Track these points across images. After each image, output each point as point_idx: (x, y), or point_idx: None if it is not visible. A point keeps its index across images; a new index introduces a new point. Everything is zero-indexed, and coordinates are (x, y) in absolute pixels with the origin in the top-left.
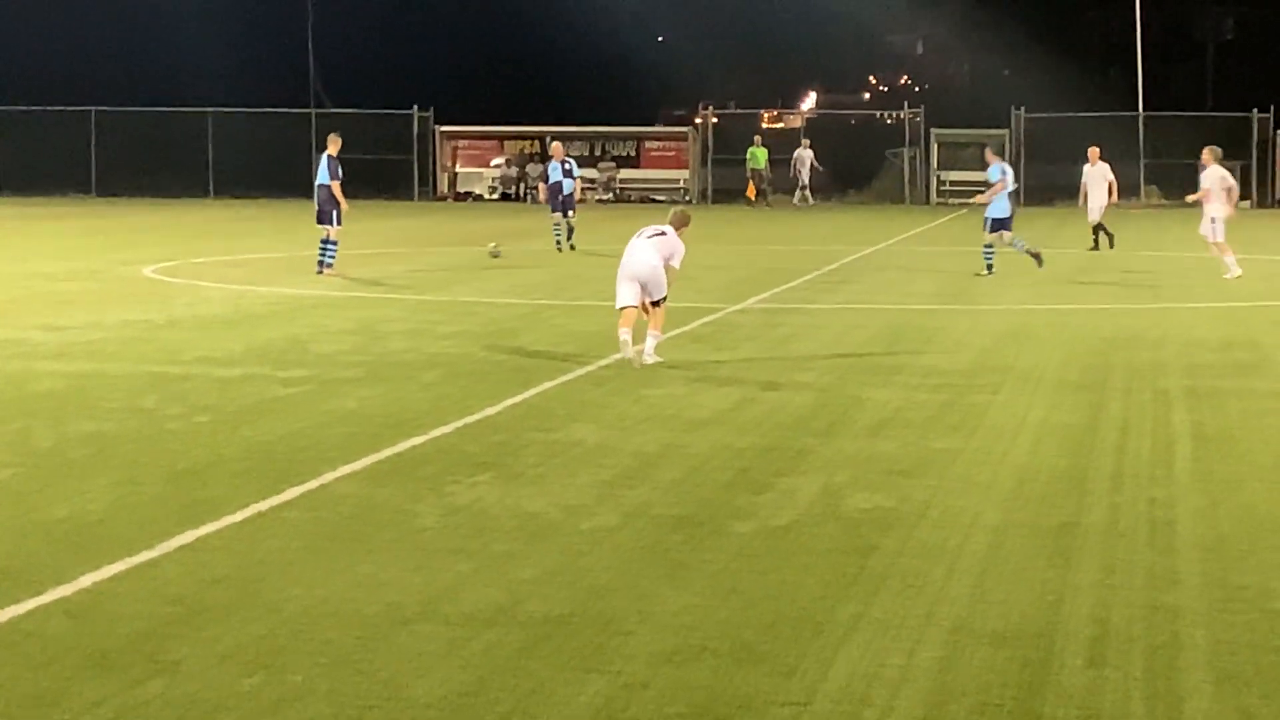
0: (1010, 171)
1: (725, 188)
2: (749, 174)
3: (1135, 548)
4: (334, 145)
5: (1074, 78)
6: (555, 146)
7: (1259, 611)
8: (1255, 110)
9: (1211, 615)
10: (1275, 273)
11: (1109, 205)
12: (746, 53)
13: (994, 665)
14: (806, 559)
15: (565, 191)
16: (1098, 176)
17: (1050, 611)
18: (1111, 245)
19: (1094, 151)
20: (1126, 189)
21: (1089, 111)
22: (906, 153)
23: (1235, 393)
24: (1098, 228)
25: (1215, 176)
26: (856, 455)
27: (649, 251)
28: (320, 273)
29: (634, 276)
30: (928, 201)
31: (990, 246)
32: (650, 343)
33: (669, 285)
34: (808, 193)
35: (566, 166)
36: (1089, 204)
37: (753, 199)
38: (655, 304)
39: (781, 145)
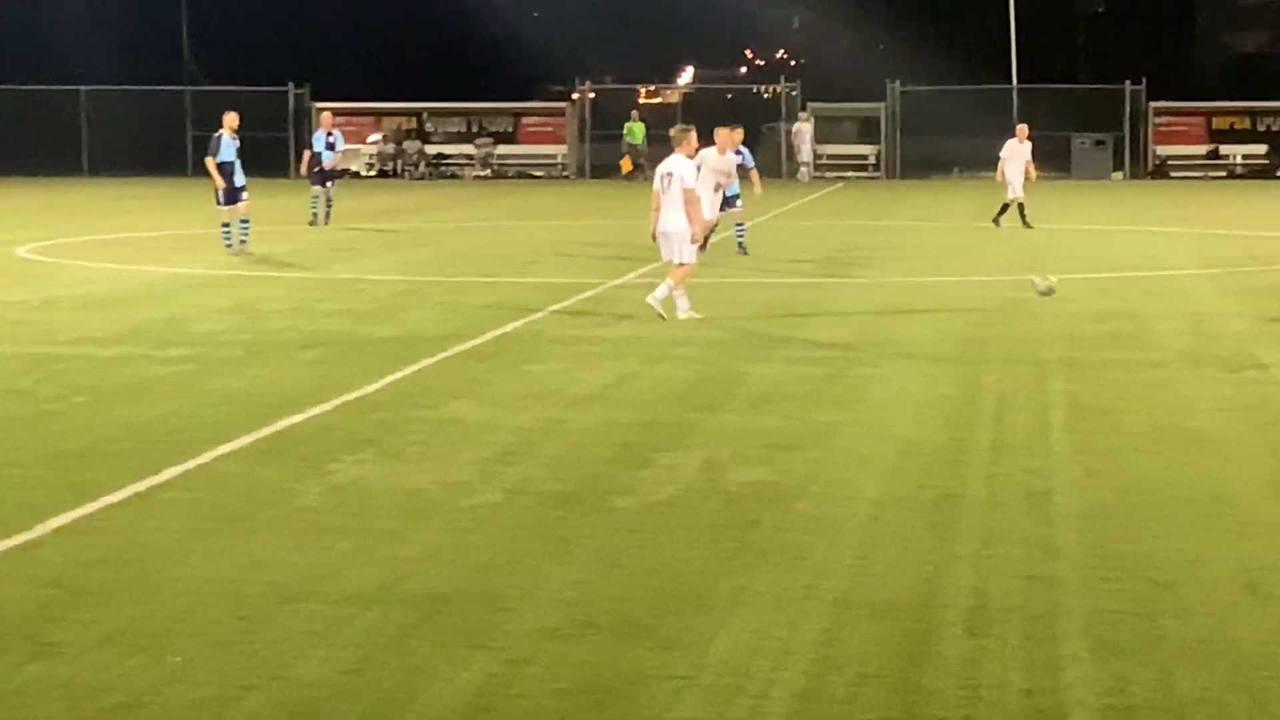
0: None
1: (604, 163)
2: (626, 149)
3: (1014, 519)
4: (230, 122)
5: (949, 51)
6: (324, 116)
7: (1135, 580)
8: (1128, 82)
9: (1089, 585)
10: (1151, 243)
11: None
12: (623, 28)
13: (875, 637)
14: (689, 534)
15: (325, 164)
16: (1022, 154)
17: (930, 583)
18: (999, 221)
19: (1022, 129)
20: (995, 163)
21: (964, 85)
22: (784, 127)
23: (1112, 364)
24: (1020, 204)
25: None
26: (739, 429)
27: (670, 210)
28: (237, 250)
29: (662, 234)
30: (798, 176)
31: None
32: (660, 289)
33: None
34: (808, 168)
35: (331, 139)
36: (1011, 180)
37: (628, 173)
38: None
39: (659, 120)
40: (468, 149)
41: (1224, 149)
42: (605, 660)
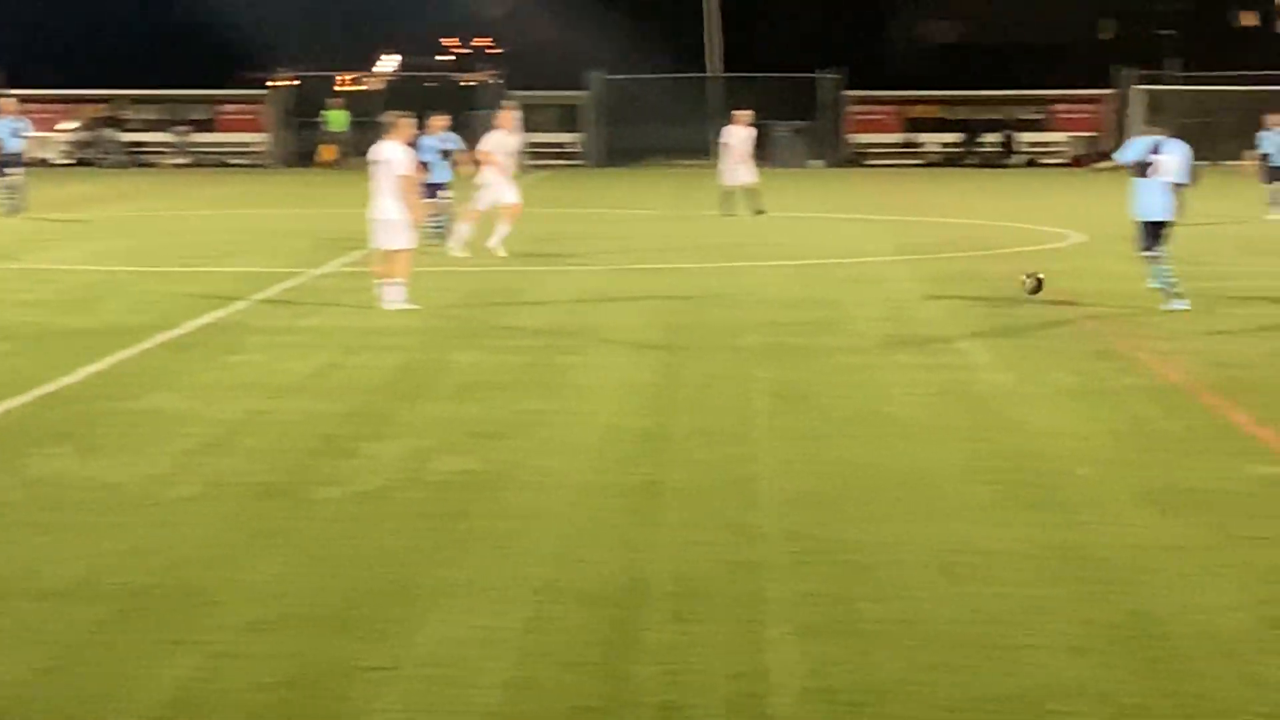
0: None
1: (307, 150)
2: (328, 137)
3: (717, 504)
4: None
5: (651, 40)
6: (5, 103)
7: (836, 563)
8: (824, 71)
9: (791, 568)
10: (848, 231)
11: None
12: (324, 15)
13: (581, 624)
14: (395, 524)
15: (9, 150)
16: (747, 139)
17: (636, 569)
18: (760, 210)
19: (743, 115)
20: (702, 150)
21: (665, 73)
22: (486, 114)
23: (812, 350)
24: (744, 190)
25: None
26: (443, 419)
27: (379, 196)
28: None
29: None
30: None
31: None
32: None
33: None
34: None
35: (16, 126)
36: (735, 167)
37: (330, 162)
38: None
39: (361, 108)
40: (165, 137)
41: (918, 137)
42: (310, 653)
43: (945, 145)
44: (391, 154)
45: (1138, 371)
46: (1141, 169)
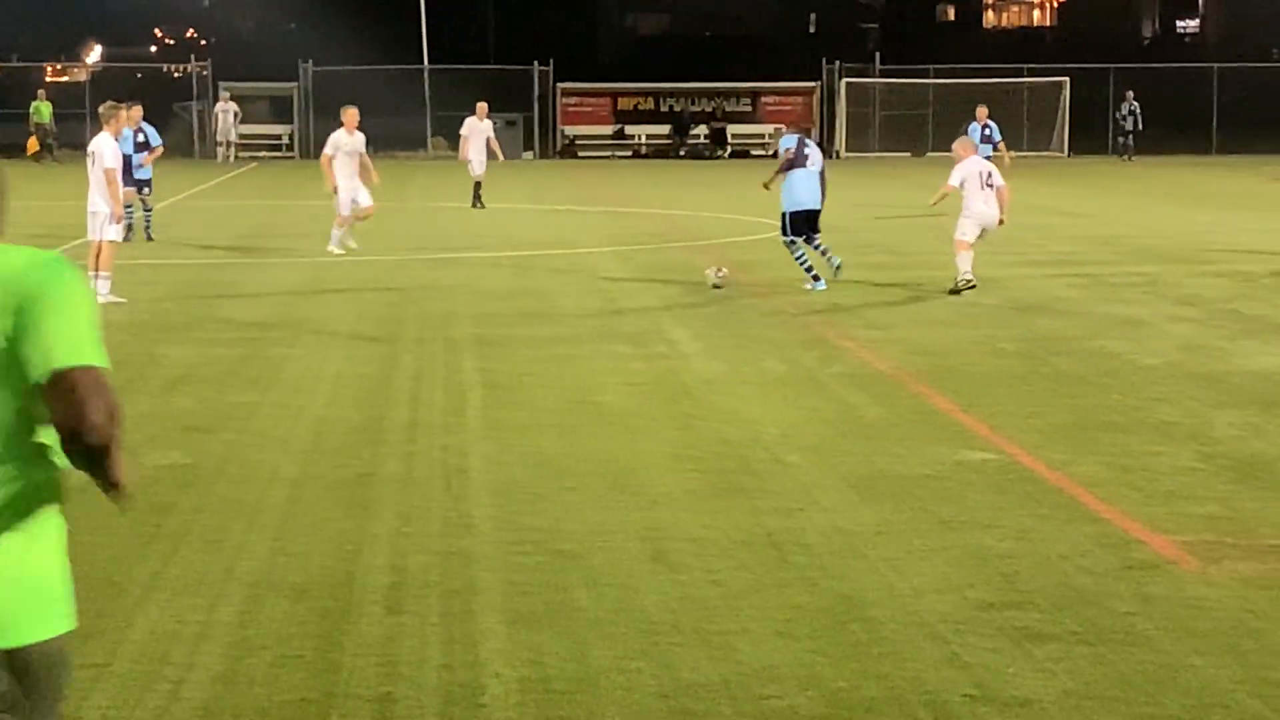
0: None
1: (11, 143)
2: (32, 128)
3: (430, 495)
4: None
5: (363, 32)
6: None
7: (547, 553)
8: (536, 63)
9: (503, 558)
10: (560, 222)
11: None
12: (26, 3)
13: (294, 617)
14: (103, 519)
15: None
16: (483, 130)
17: (349, 562)
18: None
19: (482, 107)
20: (417, 142)
21: (376, 65)
22: (195, 106)
23: (522, 340)
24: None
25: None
26: (152, 413)
27: (93, 188)
28: None
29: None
30: (217, 157)
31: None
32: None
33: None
34: (229, 148)
35: None
36: (473, 158)
37: (35, 153)
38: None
39: (66, 99)
40: None
41: (629, 129)
42: None
43: (654, 137)
44: (100, 145)
45: (845, 360)
46: (792, 164)
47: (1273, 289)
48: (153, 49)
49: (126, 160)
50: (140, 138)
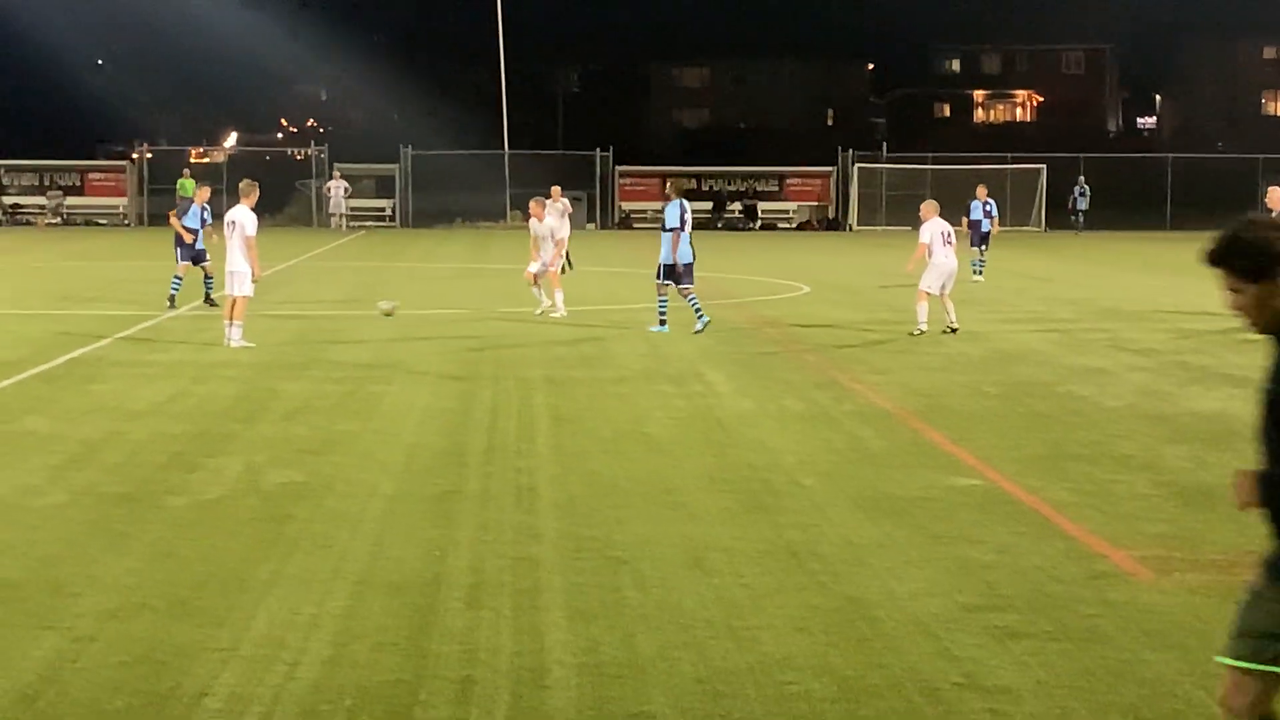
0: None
1: (158, 212)
2: (178, 200)
3: (504, 509)
4: None
5: (452, 121)
6: None
7: (602, 559)
8: (598, 149)
9: (565, 563)
10: (615, 282)
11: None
12: (174, 96)
13: (390, 611)
14: (232, 526)
15: None
16: (561, 209)
17: (436, 564)
18: (570, 267)
19: (556, 190)
20: (496, 214)
21: (465, 150)
22: (313, 183)
23: (583, 381)
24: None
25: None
26: (274, 438)
27: (231, 251)
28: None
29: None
30: (331, 225)
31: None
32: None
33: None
34: (341, 219)
35: None
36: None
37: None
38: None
39: (208, 177)
40: (40, 199)
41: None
42: (160, 636)
43: (698, 212)
44: (239, 216)
45: (853, 399)
46: (679, 227)
47: (1215, 343)
48: (279, 135)
49: (194, 233)
50: (205, 215)
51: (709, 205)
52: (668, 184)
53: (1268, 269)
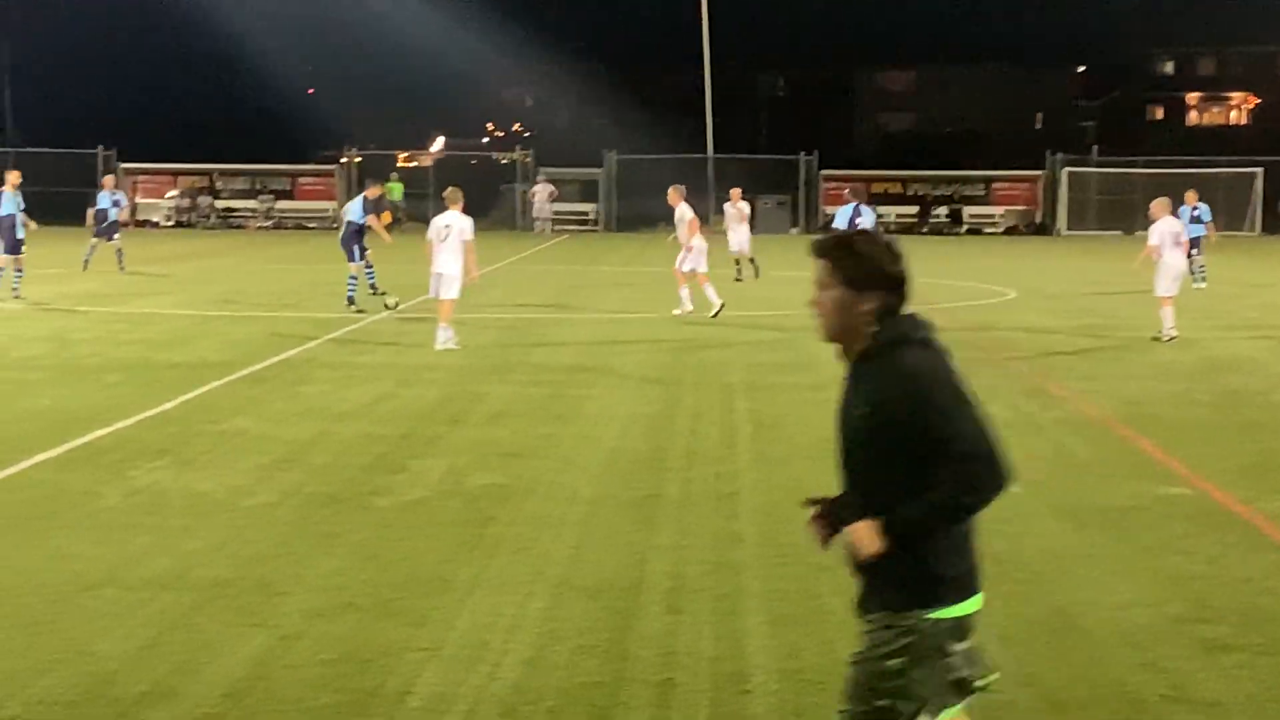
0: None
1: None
2: (386, 204)
3: (705, 514)
4: (12, 179)
5: (656, 125)
6: (107, 179)
7: (803, 565)
8: (802, 153)
9: (766, 568)
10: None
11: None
12: (384, 101)
13: (590, 613)
14: (435, 528)
15: (110, 219)
16: (737, 214)
17: (636, 568)
18: (757, 275)
19: (735, 192)
20: (700, 218)
21: (668, 154)
22: (518, 187)
23: (784, 386)
24: (739, 259)
25: (689, 211)
26: (477, 441)
27: (446, 255)
28: (19, 294)
29: (436, 274)
30: (535, 229)
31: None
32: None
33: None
34: (545, 223)
35: (114, 197)
36: (730, 237)
37: (388, 225)
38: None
39: (415, 180)
40: (252, 204)
41: (880, 209)
42: (364, 635)
43: (902, 216)
44: (454, 220)
45: (1061, 406)
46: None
47: None
48: (484, 140)
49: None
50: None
51: (914, 210)
52: (847, 189)
53: (864, 281)
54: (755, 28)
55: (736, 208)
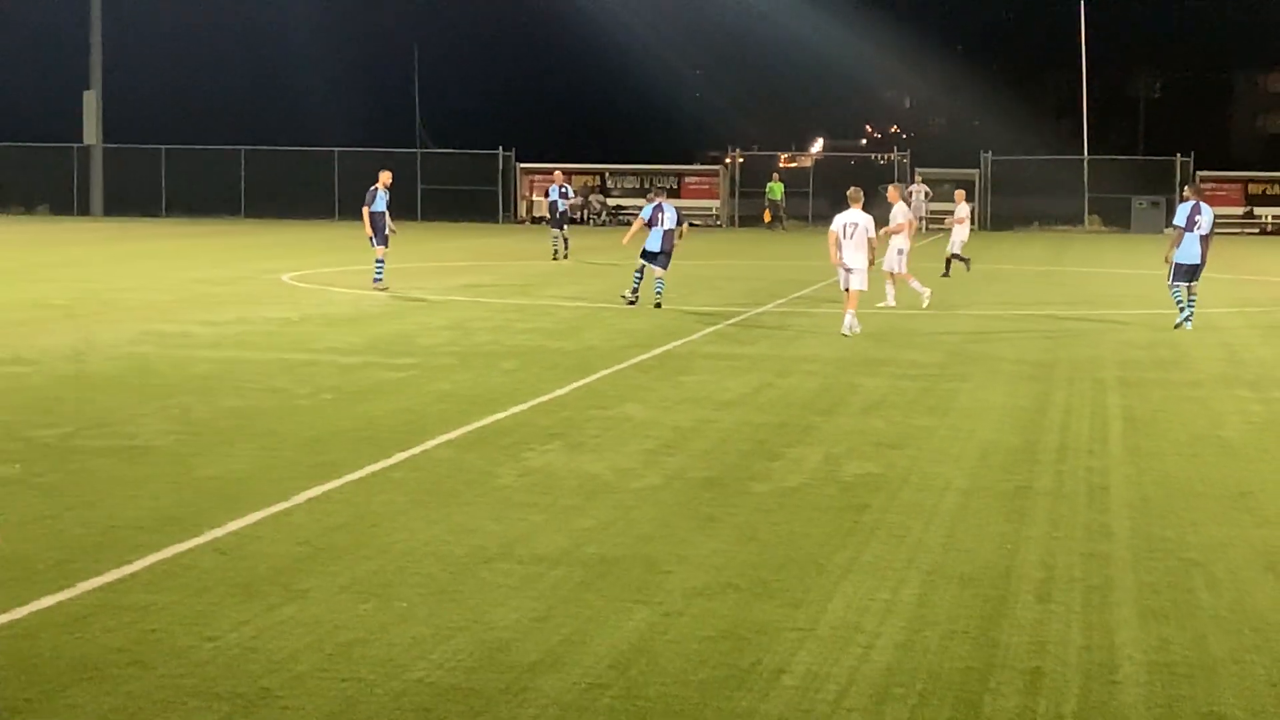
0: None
1: (748, 214)
2: (767, 203)
3: (1076, 507)
4: (384, 179)
5: (1031, 126)
6: (556, 174)
7: (1175, 559)
8: (1178, 154)
9: (1137, 562)
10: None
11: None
12: (767, 104)
13: (961, 601)
14: (811, 514)
15: (560, 210)
16: (960, 214)
17: (1007, 558)
18: (968, 268)
19: (960, 193)
20: (1072, 218)
21: (1043, 155)
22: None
23: (1158, 383)
24: (951, 257)
25: (903, 212)
26: (852, 431)
27: (854, 251)
28: (384, 285)
29: (846, 269)
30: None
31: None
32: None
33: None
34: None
35: (563, 190)
36: (954, 236)
37: (769, 223)
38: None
39: (795, 180)
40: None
41: (1257, 210)
42: (743, 614)
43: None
44: (859, 218)
45: None
46: (1187, 226)
47: None
48: (863, 141)
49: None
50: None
51: None
52: (1186, 187)
53: None
54: (1133, 29)
55: (962, 208)
